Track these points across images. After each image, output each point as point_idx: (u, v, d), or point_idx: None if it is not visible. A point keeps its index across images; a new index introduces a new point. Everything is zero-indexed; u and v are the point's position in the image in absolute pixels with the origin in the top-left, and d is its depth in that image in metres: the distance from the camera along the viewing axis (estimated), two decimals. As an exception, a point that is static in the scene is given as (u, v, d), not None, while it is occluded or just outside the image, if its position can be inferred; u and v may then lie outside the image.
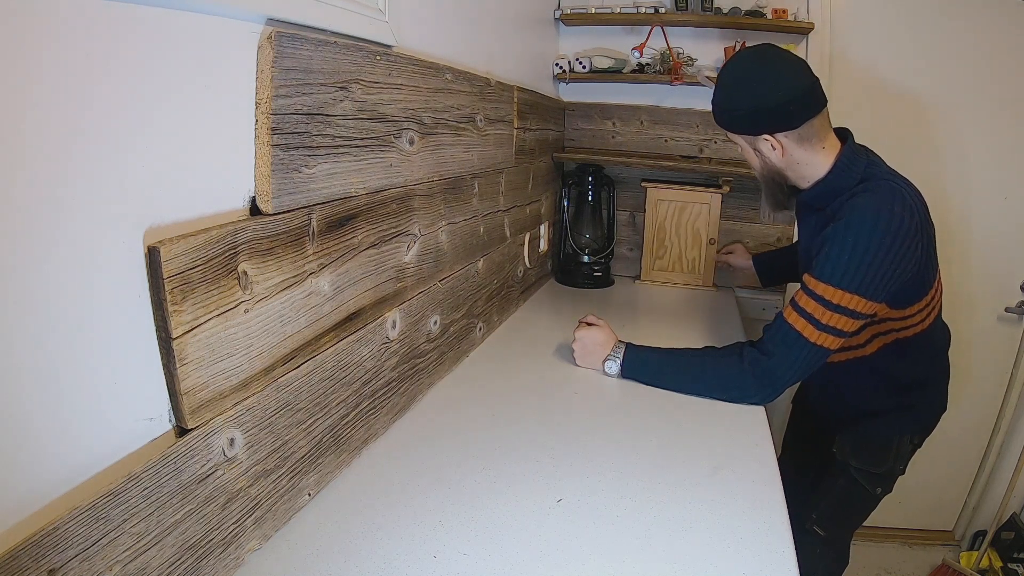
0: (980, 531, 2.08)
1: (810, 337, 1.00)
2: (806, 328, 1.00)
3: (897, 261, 0.96)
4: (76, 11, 0.44)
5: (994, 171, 1.90)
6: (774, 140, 1.05)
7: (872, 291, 0.97)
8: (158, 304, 0.53)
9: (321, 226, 0.74)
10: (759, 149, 1.08)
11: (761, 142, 1.07)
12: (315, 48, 0.69)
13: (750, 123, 1.05)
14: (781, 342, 1.03)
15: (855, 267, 0.96)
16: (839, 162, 1.05)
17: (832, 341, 1.00)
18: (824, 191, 1.07)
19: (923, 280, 1.05)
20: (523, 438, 0.96)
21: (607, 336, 1.20)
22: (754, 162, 1.13)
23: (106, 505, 0.48)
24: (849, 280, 0.96)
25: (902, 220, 0.95)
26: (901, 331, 1.10)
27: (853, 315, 0.98)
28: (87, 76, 0.46)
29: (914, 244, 0.97)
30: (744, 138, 1.10)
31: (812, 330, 1.00)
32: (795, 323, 1.01)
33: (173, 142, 0.55)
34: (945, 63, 1.85)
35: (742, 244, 1.93)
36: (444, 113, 1.05)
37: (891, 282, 0.98)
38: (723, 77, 1.08)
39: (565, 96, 2.06)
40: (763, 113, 1.03)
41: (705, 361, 1.11)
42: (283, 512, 0.73)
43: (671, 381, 1.13)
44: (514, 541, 0.72)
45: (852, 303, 0.97)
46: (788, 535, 0.75)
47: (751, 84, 1.04)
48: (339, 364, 0.81)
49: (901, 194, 0.99)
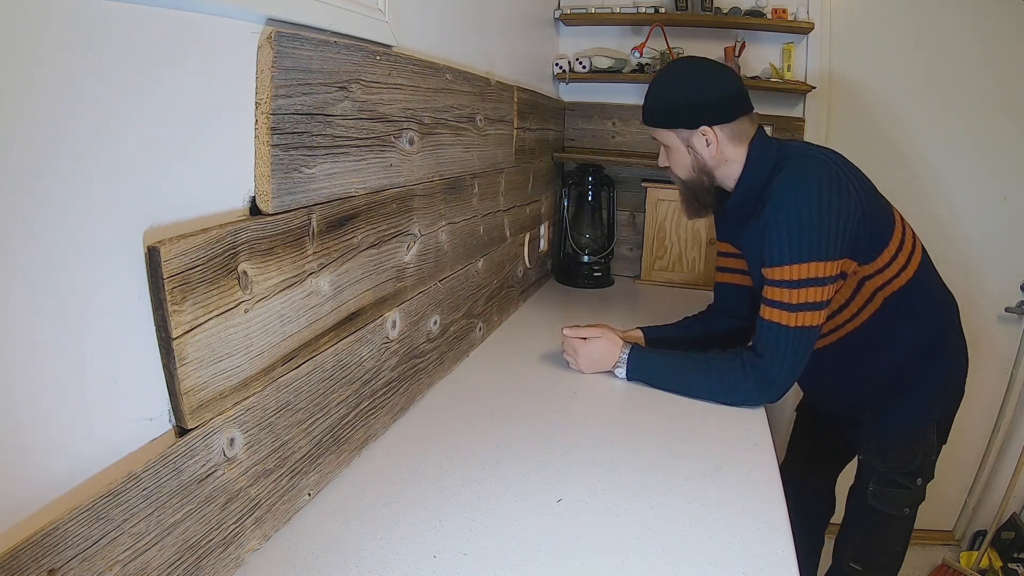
0: (980, 531, 2.08)
1: (788, 323, 1.01)
2: (781, 316, 1.01)
3: (835, 212, 0.97)
4: (75, 11, 0.44)
5: (994, 171, 1.89)
6: (711, 133, 1.07)
7: (825, 251, 0.97)
8: (158, 304, 0.53)
9: (321, 226, 0.74)
10: (692, 145, 1.10)
11: (697, 137, 1.08)
12: (315, 48, 0.69)
13: (689, 116, 1.08)
14: (766, 339, 1.03)
15: (797, 237, 0.97)
16: (750, 153, 1.08)
17: (811, 318, 1.00)
18: (746, 188, 1.09)
19: (878, 223, 1.05)
20: (523, 438, 0.96)
21: (612, 341, 1.19)
22: (683, 162, 1.13)
23: (106, 505, 0.48)
24: (798, 251, 0.97)
25: (820, 176, 0.98)
26: (885, 286, 1.08)
27: (819, 282, 0.98)
28: (86, 76, 0.46)
29: (844, 190, 0.98)
30: (678, 134, 1.11)
31: (787, 315, 1.00)
32: (771, 316, 1.02)
33: (173, 142, 0.55)
34: (944, 63, 1.85)
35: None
36: (444, 113, 1.05)
37: (840, 235, 0.98)
38: (659, 80, 1.12)
39: (565, 96, 2.06)
40: (701, 106, 1.07)
41: (709, 365, 1.10)
42: (283, 512, 0.73)
43: (676, 385, 1.13)
44: (514, 541, 0.72)
45: (812, 271, 0.98)
46: (788, 535, 0.74)
47: (689, 81, 1.09)
48: (339, 364, 0.81)
49: (809, 156, 1.03)
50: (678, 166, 1.16)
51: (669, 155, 1.16)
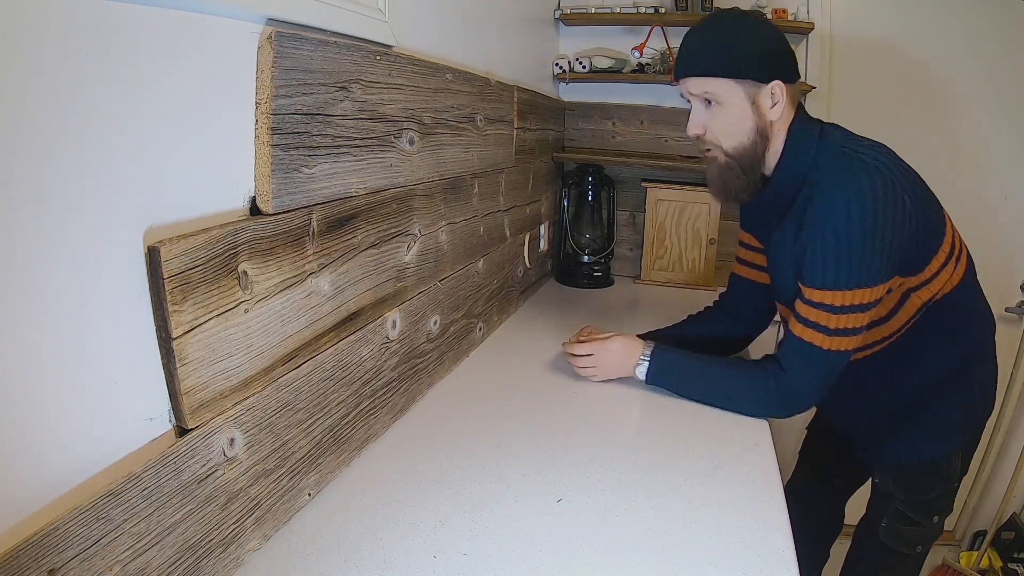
0: (980, 531, 2.08)
1: (822, 345, 0.92)
2: (815, 337, 0.92)
3: (888, 232, 0.86)
4: (75, 10, 0.44)
5: (994, 171, 1.89)
6: (780, 92, 0.92)
7: (873, 277, 0.88)
8: (158, 304, 0.53)
9: (321, 226, 0.74)
10: (758, 104, 0.92)
11: (765, 94, 0.92)
12: (315, 48, 0.69)
13: (763, 66, 0.91)
14: (795, 355, 0.95)
15: (846, 262, 0.87)
16: (791, 132, 0.95)
17: (847, 343, 0.92)
18: (785, 177, 0.96)
19: (929, 231, 0.94)
20: (523, 438, 0.96)
21: (628, 338, 1.11)
22: (741, 125, 0.94)
23: (106, 505, 0.48)
24: (844, 278, 0.88)
25: (874, 189, 0.85)
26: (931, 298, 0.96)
27: (861, 309, 0.90)
28: (86, 75, 0.46)
29: (898, 202, 0.87)
30: (744, 88, 0.92)
31: (823, 337, 0.92)
32: (803, 335, 0.93)
33: (173, 142, 0.55)
34: (944, 63, 1.85)
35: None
36: (444, 113, 1.05)
37: (891, 256, 0.88)
38: (715, 24, 0.94)
39: (565, 96, 2.06)
40: (777, 57, 0.91)
41: (733, 373, 1.04)
42: (283, 512, 0.73)
43: (696, 388, 1.06)
44: (514, 541, 0.72)
45: (856, 298, 0.89)
46: (788, 535, 0.74)
47: (757, 28, 0.92)
48: (339, 364, 0.81)
49: (859, 161, 0.88)
50: (731, 130, 0.94)
51: (718, 115, 0.94)
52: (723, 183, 0.99)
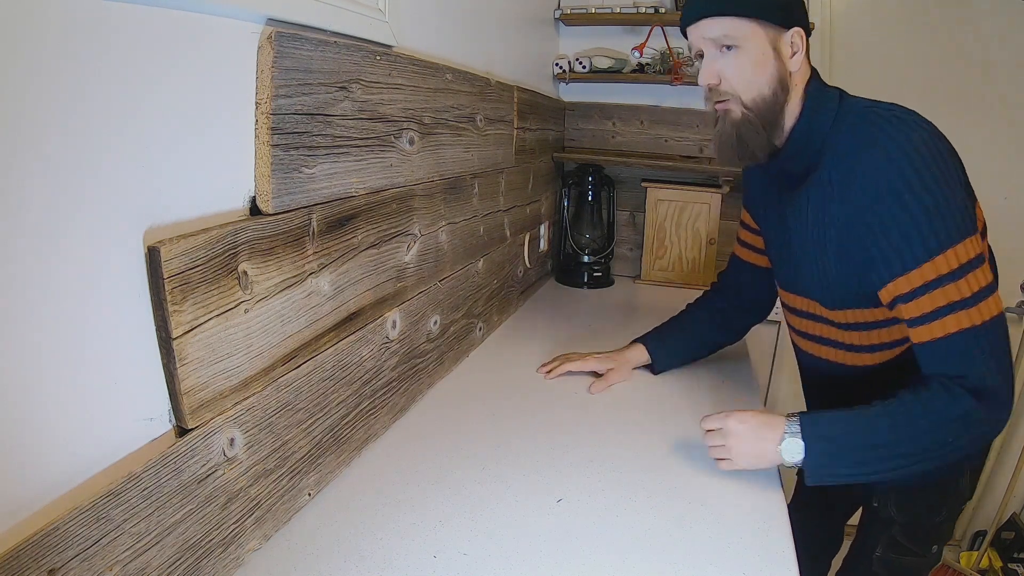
0: (980, 531, 2.08)
1: (975, 322, 0.76)
2: (961, 319, 0.76)
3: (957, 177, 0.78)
4: (75, 11, 0.44)
5: (994, 171, 1.89)
6: (800, 41, 0.84)
7: (972, 223, 0.77)
8: (158, 304, 0.53)
9: (321, 226, 0.74)
10: (779, 50, 0.83)
11: (786, 41, 0.84)
12: (315, 48, 0.69)
13: (783, 9, 0.83)
14: (958, 354, 0.77)
15: (941, 215, 0.75)
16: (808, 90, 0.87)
17: (993, 305, 0.78)
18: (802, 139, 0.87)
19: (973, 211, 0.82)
20: (523, 438, 0.96)
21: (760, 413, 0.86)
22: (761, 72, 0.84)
23: (106, 505, 0.48)
24: (948, 232, 0.75)
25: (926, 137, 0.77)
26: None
27: (980, 261, 0.77)
28: (86, 75, 0.46)
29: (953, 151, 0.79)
30: (766, 31, 0.83)
31: (968, 313, 0.76)
32: (947, 329, 0.77)
33: (173, 142, 0.55)
34: (944, 63, 1.85)
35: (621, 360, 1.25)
36: (444, 113, 1.05)
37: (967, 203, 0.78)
38: None
39: (565, 96, 2.06)
40: (795, 1, 0.84)
41: (904, 411, 0.79)
42: (283, 512, 0.73)
43: (888, 464, 0.79)
44: (514, 541, 0.72)
45: (969, 250, 0.76)
46: (788, 535, 0.75)
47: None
48: (339, 364, 0.81)
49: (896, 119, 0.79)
50: (750, 77, 0.84)
51: (736, 61, 0.84)
52: (739, 139, 0.87)
